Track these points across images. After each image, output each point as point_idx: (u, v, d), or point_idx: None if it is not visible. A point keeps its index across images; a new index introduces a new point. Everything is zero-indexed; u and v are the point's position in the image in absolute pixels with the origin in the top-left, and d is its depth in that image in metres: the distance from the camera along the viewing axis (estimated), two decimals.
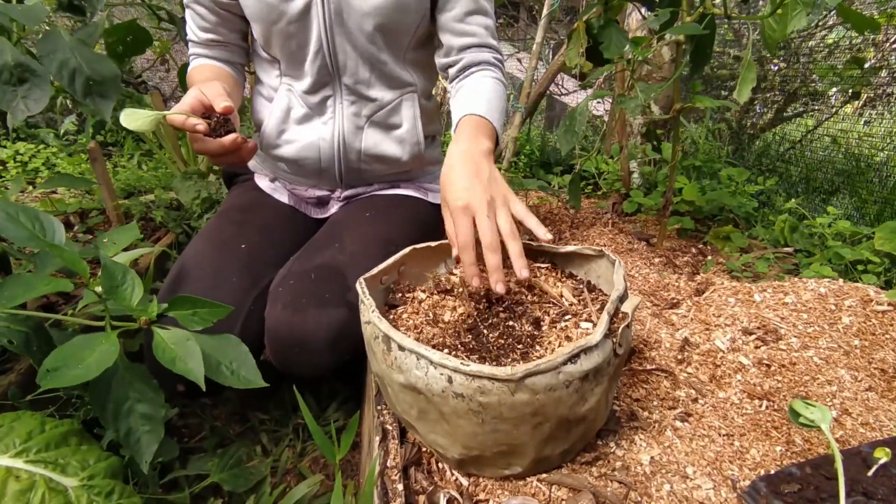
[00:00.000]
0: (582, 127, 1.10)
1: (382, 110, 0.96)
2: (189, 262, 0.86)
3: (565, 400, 0.51)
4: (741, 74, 0.89)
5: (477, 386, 0.50)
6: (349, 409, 1.03)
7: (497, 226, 0.66)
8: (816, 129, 2.33)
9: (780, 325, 0.80)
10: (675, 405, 0.70)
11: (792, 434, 0.64)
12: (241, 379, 0.69)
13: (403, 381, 0.55)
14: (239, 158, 0.76)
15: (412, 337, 0.63)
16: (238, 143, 0.72)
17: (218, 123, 0.72)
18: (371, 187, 1.06)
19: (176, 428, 0.99)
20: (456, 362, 0.50)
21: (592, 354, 0.52)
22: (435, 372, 0.52)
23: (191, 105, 0.72)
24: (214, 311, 0.70)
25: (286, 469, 0.91)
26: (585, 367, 0.51)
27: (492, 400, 0.50)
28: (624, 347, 0.56)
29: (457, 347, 0.62)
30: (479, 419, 0.52)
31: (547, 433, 0.53)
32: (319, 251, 0.88)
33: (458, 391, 0.51)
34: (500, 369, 0.49)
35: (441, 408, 0.54)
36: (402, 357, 0.55)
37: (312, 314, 0.78)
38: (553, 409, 0.52)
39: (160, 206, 1.43)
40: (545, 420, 0.52)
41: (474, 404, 0.51)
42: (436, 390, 0.52)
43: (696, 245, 1.49)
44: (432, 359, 0.52)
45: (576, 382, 0.51)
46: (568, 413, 0.53)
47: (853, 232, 1.14)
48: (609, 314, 0.55)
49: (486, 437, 0.54)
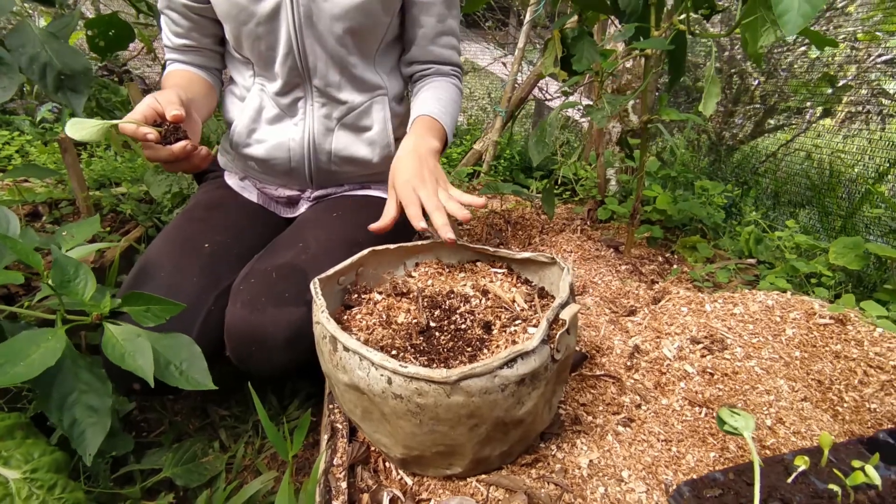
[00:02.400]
0: (552, 138, 1.12)
1: (353, 112, 0.97)
2: (150, 260, 0.87)
3: (501, 403, 0.53)
4: (706, 88, 0.92)
5: (415, 388, 0.51)
6: (311, 407, 1.04)
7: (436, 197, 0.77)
8: (790, 142, 2.38)
9: (726, 334, 0.83)
10: (620, 410, 0.72)
11: (727, 441, 0.67)
12: (190, 380, 0.70)
13: (347, 380, 0.57)
14: (191, 166, 0.76)
15: (363, 338, 0.64)
16: (188, 151, 0.73)
17: (168, 131, 0.72)
18: (342, 188, 1.07)
19: (135, 422, 0.99)
20: (395, 364, 0.52)
21: (529, 359, 0.54)
22: (376, 373, 0.53)
23: (143, 113, 0.72)
24: (168, 308, 0.71)
25: (243, 465, 0.92)
26: (521, 371, 0.53)
27: (428, 401, 0.52)
28: (563, 353, 0.58)
29: (406, 349, 0.63)
30: (417, 420, 0.53)
31: (484, 435, 0.55)
32: (282, 250, 0.88)
33: (397, 392, 0.52)
34: (436, 371, 0.51)
35: (382, 408, 0.55)
36: (346, 357, 0.56)
37: (271, 313, 0.79)
38: (489, 412, 0.53)
39: (131, 199, 1.42)
40: (481, 422, 0.54)
41: (412, 405, 0.52)
42: (376, 391, 0.54)
43: (664, 254, 1.52)
44: (373, 360, 0.53)
45: (511, 386, 0.53)
46: (504, 416, 0.54)
47: (811, 245, 1.17)
48: (548, 320, 0.57)
49: (425, 437, 0.55)
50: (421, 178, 0.79)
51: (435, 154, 0.86)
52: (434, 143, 0.88)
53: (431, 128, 0.91)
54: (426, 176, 0.79)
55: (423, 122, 0.91)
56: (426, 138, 0.88)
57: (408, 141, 0.87)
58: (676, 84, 1.17)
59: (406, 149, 0.85)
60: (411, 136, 0.88)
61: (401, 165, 0.82)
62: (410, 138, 0.87)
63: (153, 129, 0.72)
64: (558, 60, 1.27)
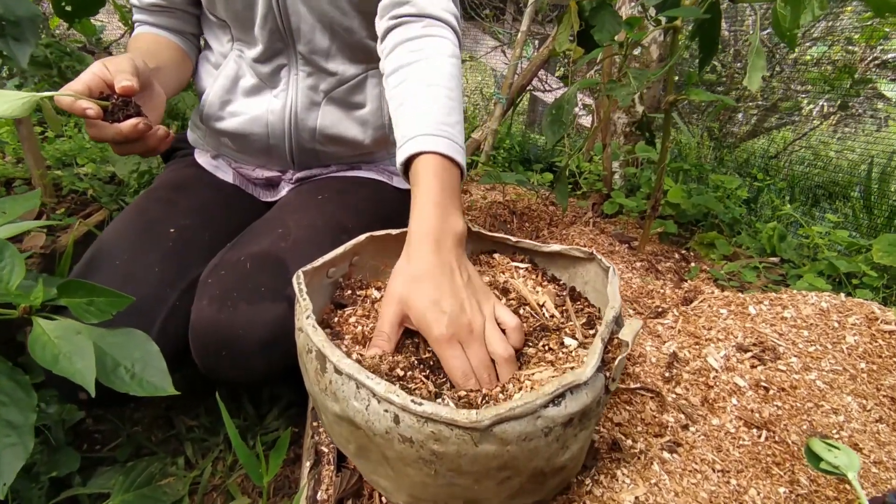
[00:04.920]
0: (569, 117, 1.00)
1: (343, 86, 0.84)
2: (105, 245, 0.73)
3: (542, 451, 0.41)
4: (750, 61, 0.80)
5: (430, 431, 0.39)
6: (293, 417, 0.91)
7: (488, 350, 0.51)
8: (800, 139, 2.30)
9: (778, 342, 0.71)
10: (663, 432, 0.60)
11: (796, 472, 0.55)
12: (145, 384, 0.57)
13: (339, 411, 0.44)
14: (145, 148, 0.63)
15: (358, 349, 0.51)
16: (140, 131, 0.60)
17: (116, 106, 0.59)
18: (327, 169, 0.93)
19: (87, 433, 0.86)
20: (405, 398, 0.39)
21: (580, 394, 0.41)
22: (378, 407, 0.41)
23: (87, 83, 0.59)
24: (115, 302, 0.57)
25: (211, 486, 0.78)
26: (570, 409, 0.40)
27: (449, 450, 0.39)
28: (616, 382, 0.46)
29: (413, 366, 0.50)
30: (430, 470, 0.41)
31: (516, 488, 0.43)
32: (259, 237, 0.75)
33: (407, 434, 0.40)
34: (462, 413, 0.38)
35: (384, 450, 0.42)
36: (339, 382, 0.43)
37: (244, 311, 0.66)
38: (526, 463, 0.41)
39: (95, 179, 1.27)
40: (515, 474, 0.41)
41: (426, 452, 0.40)
42: (378, 430, 0.41)
43: (679, 251, 1.41)
44: (375, 390, 0.40)
45: (557, 429, 0.40)
46: (544, 465, 0.42)
47: (850, 243, 1.06)
48: (604, 341, 0.44)
49: (440, 489, 0.43)
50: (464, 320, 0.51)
51: (461, 243, 0.58)
52: (458, 223, 0.57)
53: (448, 182, 0.59)
54: (469, 313, 0.51)
55: (431, 169, 0.59)
56: (446, 213, 0.57)
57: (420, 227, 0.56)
58: (708, 63, 1.05)
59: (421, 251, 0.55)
60: (422, 214, 0.56)
61: (426, 289, 0.52)
62: (423, 222, 0.56)
63: (97, 102, 0.58)
64: (574, 35, 1.15)
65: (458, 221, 0.58)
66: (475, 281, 0.56)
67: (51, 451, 0.74)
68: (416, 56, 0.67)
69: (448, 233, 0.56)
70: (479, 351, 0.50)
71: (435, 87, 0.65)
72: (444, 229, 0.56)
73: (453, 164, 0.60)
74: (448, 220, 0.57)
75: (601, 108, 1.93)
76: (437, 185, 0.58)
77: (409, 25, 0.70)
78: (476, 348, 0.50)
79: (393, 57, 0.70)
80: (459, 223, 0.58)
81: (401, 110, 0.65)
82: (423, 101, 0.63)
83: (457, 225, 0.57)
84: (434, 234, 0.55)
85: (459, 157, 0.61)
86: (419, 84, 0.65)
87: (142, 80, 0.66)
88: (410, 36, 0.69)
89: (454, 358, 0.50)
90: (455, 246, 0.56)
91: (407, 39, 0.69)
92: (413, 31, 0.69)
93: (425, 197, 0.57)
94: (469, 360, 0.50)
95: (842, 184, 1.61)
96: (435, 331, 0.50)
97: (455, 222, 0.57)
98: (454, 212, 0.58)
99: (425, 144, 0.59)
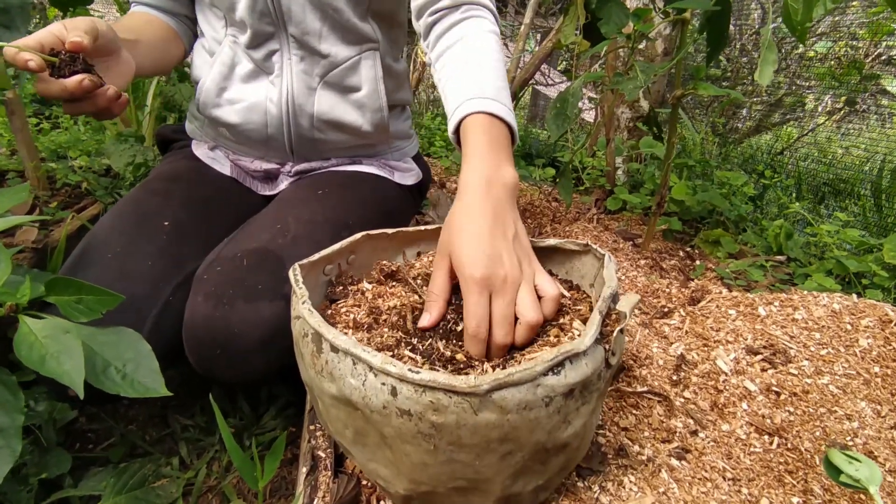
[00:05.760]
0: (574, 110, 0.98)
1: (337, 69, 0.82)
2: (97, 239, 0.71)
3: (543, 422, 0.39)
4: (761, 55, 0.78)
5: (429, 400, 0.38)
6: (290, 417, 0.89)
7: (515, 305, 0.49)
8: (806, 135, 2.27)
9: (789, 344, 0.69)
10: (671, 438, 0.58)
11: (810, 481, 0.53)
12: (136, 385, 0.55)
13: (336, 391, 0.43)
14: (95, 107, 0.61)
15: (351, 333, 0.50)
16: (85, 88, 0.57)
17: (63, 62, 0.57)
18: (328, 162, 0.91)
19: (80, 432, 0.84)
20: (401, 368, 0.38)
21: (580, 363, 0.40)
22: (375, 381, 0.39)
23: (39, 39, 0.57)
24: (105, 300, 0.55)
25: (206, 487, 0.77)
26: (571, 379, 0.39)
27: (448, 420, 0.38)
28: (617, 357, 0.44)
29: (399, 345, 0.49)
30: (430, 445, 0.39)
31: (519, 465, 0.41)
32: (257, 233, 0.73)
33: (405, 407, 0.38)
34: (460, 379, 0.37)
35: (382, 429, 0.41)
36: (335, 361, 0.42)
37: (241, 308, 0.64)
38: (528, 435, 0.40)
39: (90, 172, 1.25)
40: (517, 448, 0.40)
41: (425, 425, 0.38)
42: (375, 405, 0.40)
43: (684, 248, 1.39)
44: (372, 363, 0.39)
45: (558, 399, 0.39)
46: (546, 440, 0.41)
47: (860, 242, 1.04)
48: (601, 313, 0.43)
49: (440, 468, 0.41)
50: (502, 270, 0.49)
51: (513, 196, 0.56)
52: (510, 173, 0.56)
53: (498, 138, 0.58)
54: (508, 265, 0.49)
55: (482, 126, 0.59)
56: (499, 165, 0.56)
57: (473, 175, 0.55)
58: (716, 57, 1.03)
59: (473, 196, 0.53)
60: (475, 162, 0.56)
61: (473, 231, 0.51)
62: (476, 170, 0.55)
63: (44, 57, 0.56)
64: (580, 28, 1.12)
65: (511, 171, 0.57)
66: (523, 240, 0.54)
67: (41, 451, 0.72)
68: (458, 36, 0.71)
69: (499, 181, 0.55)
70: (505, 305, 0.48)
71: (478, 59, 0.67)
72: (495, 177, 0.55)
73: (502, 123, 0.60)
74: (500, 169, 0.56)
75: (605, 102, 1.90)
76: (485, 139, 0.57)
77: (449, 15, 0.74)
78: (504, 301, 0.48)
79: (438, 46, 0.73)
80: (511, 173, 0.57)
81: (448, 85, 0.67)
82: (467, 73, 0.65)
83: (508, 175, 0.56)
84: (484, 181, 0.54)
85: (509, 117, 0.61)
86: (462, 60, 0.68)
87: (103, 42, 0.63)
88: (452, 23, 0.73)
89: (477, 305, 0.47)
90: (507, 196, 0.55)
91: (449, 27, 0.73)
92: (453, 18, 0.73)
93: (474, 149, 0.57)
94: (492, 311, 0.48)
95: (849, 181, 1.58)
96: (468, 269, 0.48)
97: (507, 172, 0.56)
98: (506, 163, 0.57)
99: (471, 107, 0.60)
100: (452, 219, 0.54)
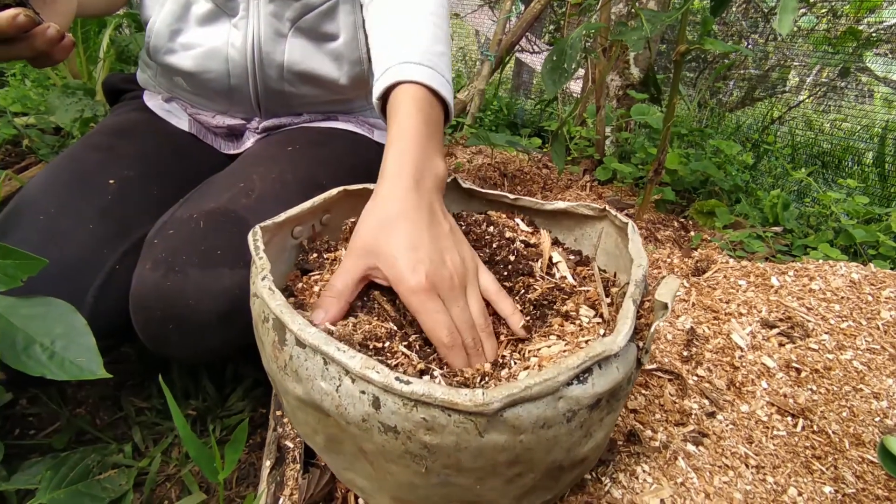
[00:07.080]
0: (573, 63, 0.89)
1: (311, 13, 0.72)
2: (26, 199, 0.62)
3: (562, 440, 0.32)
4: (781, 1, 0.71)
5: (421, 418, 0.29)
6: (259, 397, 0.81)
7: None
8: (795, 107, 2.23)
9: (807, 317, 0.64)
10: (686, 420, 0.52)
11: (840, 467, 0.48)
12: (68, 366, 0.46)
13: (302, 394, 0.34)
14: (32, 50, 0.49)
15: (325, 325, 0.41)
16: (20, 24, 0.46)
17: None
18: (299, 118, 0.82)
19: (21, 417, 0.75)
20: (388, 376, 0.29)
21: (610, 368, 0.32)
22: (352, 388, 0.31)
23: None
24: (25, 265, 0.46)
25: (164, 477, 0.69)
26: (599, 388, 0.32)
27: (445, 442, 0.30)
28: (648, 355, 0.37)
29: (393, 337, 0.41)
30: (420, 467, 0.31)
31: (528, 486, 0.34)
32: (217, 192, 0.64)
33: (390, 423, 0.30)
34: (463, 393, 0.29)
35: (361, 443, 0.33)
36: (302, 358, 0.33)
37: (195, 277, 0.55)
38: (543, 456, 0.32)
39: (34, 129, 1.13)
40: (528, 470, 0.33)
41: (415, 445, 0.30)
42: (353, 417, 0.31)
43: (678, 219, 1.34)
44: (349, 366, 0.31)
45: (582, 413, 0.32)
46: (563, 458, 0.33)
47: (866, 211, 0.99)
48: (635, 303, 0.35)
49: (432, 490, 0.33)
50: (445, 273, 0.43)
51: (442, 187, 0.49)
52: (440, 164, 0.49)
53: (432, 119, 0.50)
54: (450, 265, 0.43)
55: (411, 99, 0.50)
56: (427, 150, 0.48)
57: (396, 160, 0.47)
58: (723, 10, 0.95)
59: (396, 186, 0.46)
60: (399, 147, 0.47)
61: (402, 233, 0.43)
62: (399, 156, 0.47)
63: None
64: None
65: (441, 163, 0.50)
66: (458, 234, 0.48)
67: None
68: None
69: (429, 172, 0.48)
70: (462, 309, 0.42)
71: (418, 13, 0.57)
72: (425, 167, 0.48)
73: (437, 99, 0.52)
74: (430, 158, 0.48)
75: (597, 67, 1.82)
76: (418, 118, 0.49)
77: None
78: (460, 306, 0.42)
79: None
80: (441, 165, 0.50)
81: (378, 39, 0.57)
82: (403, 29, 0.56)
83: (439, 167, 0.49)
84: (413, 170, 0.46)
85: (445, 91, 0.52)
86: (400, 10, 0.57)
87: None
88: None
89: (435, 312, 0.41)
90: (436, 189, 0.48)
91: None
92: None
93: (404, 130, 0.48)
94: (455, 321, 0.41)
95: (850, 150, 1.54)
96: (411, 280, 0.41)
97: (437, 164, 0.49)
98: (436, 152, 0.50)
99: (405, 73, 0.51)
100: (374, 211, 0.45)
